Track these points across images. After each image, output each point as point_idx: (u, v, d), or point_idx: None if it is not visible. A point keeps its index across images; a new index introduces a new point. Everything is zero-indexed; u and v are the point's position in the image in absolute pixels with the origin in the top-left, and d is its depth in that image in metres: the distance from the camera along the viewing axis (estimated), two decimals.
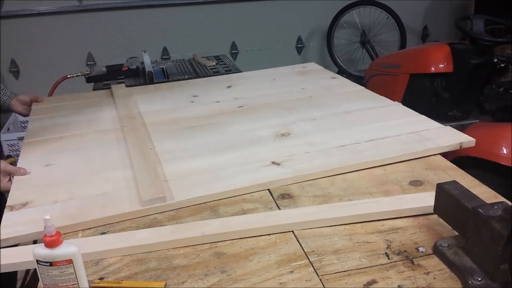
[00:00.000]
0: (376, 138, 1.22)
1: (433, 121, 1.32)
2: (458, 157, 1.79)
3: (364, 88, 1.66)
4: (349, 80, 1.76)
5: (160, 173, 1.09)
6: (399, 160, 1.11)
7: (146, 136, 1.31)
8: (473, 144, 1.18)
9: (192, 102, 1.62)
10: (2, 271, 0.81)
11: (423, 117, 1.35)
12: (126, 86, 2.09)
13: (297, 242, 0.84)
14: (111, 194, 1.02)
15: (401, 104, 1.47)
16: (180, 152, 1.22)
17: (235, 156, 1.17)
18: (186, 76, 2.23)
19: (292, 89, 1.68)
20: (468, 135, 1.87)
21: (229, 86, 1.77)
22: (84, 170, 1.16)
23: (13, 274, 1.37)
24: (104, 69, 2.23)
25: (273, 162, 1.12)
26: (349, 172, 1.07)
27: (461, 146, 1.16)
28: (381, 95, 1.56)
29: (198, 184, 1.04)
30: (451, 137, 1.20)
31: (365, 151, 1.15)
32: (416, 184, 1.01)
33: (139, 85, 2.05)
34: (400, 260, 0.77)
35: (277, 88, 1.71)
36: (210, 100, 1.62)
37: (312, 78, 1.81)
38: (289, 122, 1.37)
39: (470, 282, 0.69)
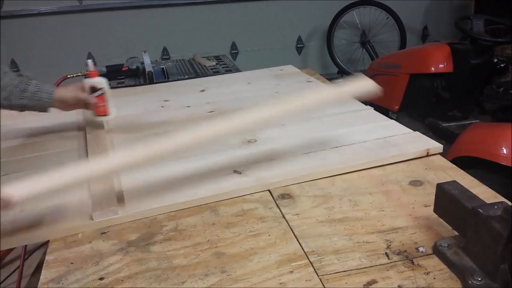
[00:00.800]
0: (342, 144, 1.19)
1: (402, 126, 1.29)
2: (458, 157, 1.79)
3: None
4: (324, 84, 1.74)
5: (116, 184, 1.05)
6: (363, 168, 1.09)
7: (108, 144, 1.27)
8: (441, 150, 1.15)
9: (162, 107, 1.57)
10: None
11: (392, 121, 1.33)
12: (126, 86, 2.10)
13: (297, 242, 0.84)
14: (62, 206, 0.98)
15: (372, 108, 1.45)
16: None
17: (197, 165, 1.13)
18: (186, 76, 2.23)
19: (266, 93, 1.65)
20: (468, 135, 1.88)
21: (203, 90, 1.73)
22: None
23: None
24: (104, 69, 2.23)
25: (235, 171, 1.09)
26: (319, 179, 1.05)
27: (428, 153, 1.13)
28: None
29: (155, 194, 1.01)
30: (419, 143, 1.17)
31: (329, 158, 1.12)
32: (416, 184, 1.01)
33: (139, 85, 2.05)
34: (400, 260, 0.77)
35: (251, 92, 1.68)
36: (181, 105, 1.58)
37: (287, 81, 1.79)
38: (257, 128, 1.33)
39: (470, 282, 0.69)
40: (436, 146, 1.15)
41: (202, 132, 0.95)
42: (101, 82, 1.28)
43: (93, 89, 1.29)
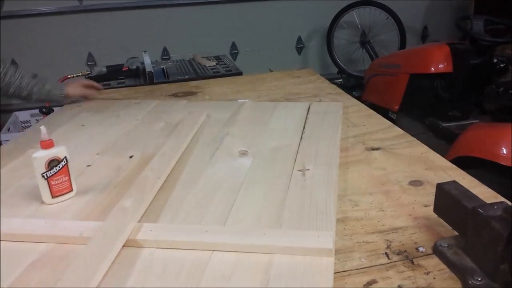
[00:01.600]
0: (314, 123, 1.35)
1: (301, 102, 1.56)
2: (458, 157, 1.79)
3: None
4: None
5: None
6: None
7: None
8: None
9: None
10: None
11: (284, 103, 1.56)
12: (126, 86, 2.10)
13: None
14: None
15: (248, 100, 1.62)
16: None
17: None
18: (186, 76, 2.23)
19: (148, 125, 1.45)
20: (468, 135, 1.88)
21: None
22: None
23: None
24: (105, 69, 2.24)
25: (299, 171, 1.05)
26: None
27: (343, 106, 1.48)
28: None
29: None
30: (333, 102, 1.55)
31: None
32: (416, 184, 1.01)
33: (139, 85, 2.05)
34: (400, 260, 0.77)
35: (162, 127, 1.42)
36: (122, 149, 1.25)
37: (140, 111, 1.59)
38: (218, 141, 1.26)
39: (470, 282, 0.69)
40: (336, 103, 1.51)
41: None
42: (61, 151, 0.96)
43: (53, 163, 0.94)
